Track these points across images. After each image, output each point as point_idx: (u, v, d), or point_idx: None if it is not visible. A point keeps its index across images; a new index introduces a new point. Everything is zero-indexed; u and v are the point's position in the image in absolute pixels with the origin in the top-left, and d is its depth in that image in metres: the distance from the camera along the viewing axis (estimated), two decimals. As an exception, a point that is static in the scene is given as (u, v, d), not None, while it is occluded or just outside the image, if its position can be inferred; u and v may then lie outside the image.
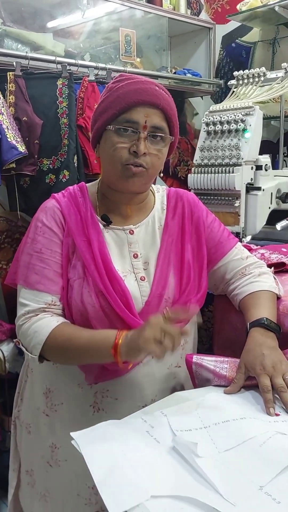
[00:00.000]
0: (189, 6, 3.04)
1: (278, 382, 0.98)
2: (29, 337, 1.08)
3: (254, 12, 2.54)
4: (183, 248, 1.18)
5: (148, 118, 1.06)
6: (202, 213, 1.24)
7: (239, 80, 2.01)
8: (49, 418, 1.19)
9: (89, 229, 1.13)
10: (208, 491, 0.73)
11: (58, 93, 2.10)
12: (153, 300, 1.12)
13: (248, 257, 1.27)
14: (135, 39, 2.55)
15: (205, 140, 1.87)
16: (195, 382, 1.09)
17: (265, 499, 0.71)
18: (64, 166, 2.07)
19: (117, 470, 0.77)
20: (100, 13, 2.54)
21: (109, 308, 1.08)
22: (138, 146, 1.06)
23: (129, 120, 1.06)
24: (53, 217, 1.14)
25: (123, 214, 1.18)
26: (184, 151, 3.06)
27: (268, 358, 1.01)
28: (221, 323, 1.32)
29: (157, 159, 1.10)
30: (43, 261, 1.11)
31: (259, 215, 1.78)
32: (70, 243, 1.13)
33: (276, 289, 1.21)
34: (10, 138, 1.90)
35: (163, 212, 1.21)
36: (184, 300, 1.14)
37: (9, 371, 2.09)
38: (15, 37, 2.19)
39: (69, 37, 2.47)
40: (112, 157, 1.08)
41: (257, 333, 1.08)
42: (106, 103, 1.09)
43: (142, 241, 1.17)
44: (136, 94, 1.06)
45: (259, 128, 1.79)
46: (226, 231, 1.27)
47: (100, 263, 1.10)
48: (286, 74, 1.90)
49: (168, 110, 1.09)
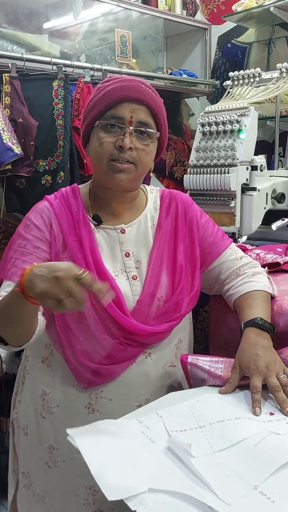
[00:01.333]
0: (185, 7, 3.04)
1: (272, 381, 0.98)
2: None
3: (250, 12, 2.54)
4: (175, 248, 1.18)
5: (133, 113, 1.08)
6: (196, 214, 1.24)
7: (235, 80, 2.01)
8: (46, 420, 1.19)
9: (80, 229, 1.14)
10: (204, 490, 0.73)
11: (54, 94, 2.10)
12: (145, 299, 1.12)
13: (242, 257, 1.27)
14: (130, 40, 2.56)
15: (201, 141, 1.87)
16: (190, 382, 1.09)
17: (259, 499, 0.72)
18: (60, 168, 2.07)
19: (114, 463, 0.77)
20: (95, 14, 2.54)
21: (100, 307, 1.08)
22: (123, 141, 1.07)
23: (115, 115, 1.09)
24: (41, 217, 1.15)
25: (115, 213, 1.19)
26: (181, 151, 3.06)
27: (262, 358, 1.02)
28: (217, 324, 1.33)
29: (144, 155, 1.11)
30: (24, 255, 1.12)
31: (254, 216, 1.79)
32: (61, 242, 1.13)
33: (270, 288, 1.22)
34: (5, 139, 1.90)
35: (156, 212, 1.22)
36: (176, 299, 1.14)
37: (6, 372, 2.10)
38: (10, 38, 2.19)
39: (64, 38, 2.47)
40: (99, 152, 1.10)
41: (251, 333, 1.08)
42: (93, 102, 1.12)
43: (134, 240, 1.18)
44: (122, 91, 1.08)
45: (254, 129, 1.80)
46: (220, 231, 1.28)
47: (91, 262, 1.10)
48: (282, 75, 1.90)
49: (153, 106, 1.11)
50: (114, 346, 1.10)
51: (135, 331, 1.10)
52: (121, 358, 1.11)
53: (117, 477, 0.74)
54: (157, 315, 1.13)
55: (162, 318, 1.13)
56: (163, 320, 1.13)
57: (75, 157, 2.13)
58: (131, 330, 1.09)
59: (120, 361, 1.11)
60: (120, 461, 0.78)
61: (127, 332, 1.10)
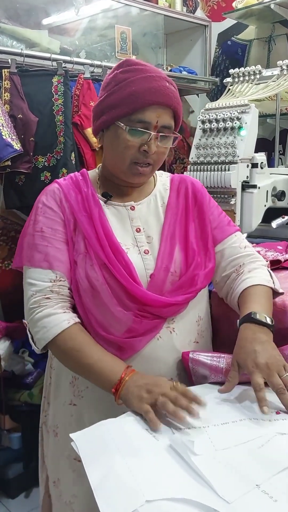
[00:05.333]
0: (185, 4, 3.03)
1: (275, 382, 0.94)
2: (37, 328, 1.09)
3: (250, 9, 2.54)
4: (187, 226, 1.19)
5: (159, 118, 1.09)
6: (205, 197, 1.26)
7: (235, 78, 2.01)
8: (76, 408, 1.18)
9: (90, 205, 1.15)
10: (205, 489, 0.73)
11: (54, 90, 2.09)
12: (159, 273, 1.12)
13: (246, 247, 1.25)
14: (130, 36, 2.55)
15: (201, 138, 1.87)
16: (192, 379, 1.09)
17: (262, 497, 0.71)
18: (62, 164, 2.06)
19: (114, 474, 0.76)
20: (95, 10, 2.53)
21: (113, 280, 1.09)
22: (149, 146, 1.09)
23: (141, 120, 1.08)
24: (53, 197, 1.17)
25: (124, 193, 1.21)
26: (180, 148, 3.05)
27: (260, 354, 0.98)
28: (219, 321, 1.32)
29: (163, 156, 1.15)
30: (44, 239, 1.13)
31: (254, 213, 1.78)
32: (72, 220, 1.14)
33: (270, 282, 1.18)
34: (5, 135, 1.89)
35: (166, 192, 1.24)
36: (191, 274, 1.14)
37: (5, 369, 2.09)
38: (10, 34, 2.18)
39: (64, 34, 2.46)
40: (122, 154, 1.11)
41: (247, 329, 1.05)
42: (117, 98, 1.09)
43: (145, 217, 1.19)
44: (150, 95, 1.07)
45: (254, 126, 1.79)
46: (226, 218, 1.27)
47: (102, 235, 1.12)
48: (282, 72, 1.89)
49: (178, 108, 1.13)
50: (130, 319, 1.09)
51: (148, 302, 1.09)
52: (139, 331, 1.10)
53: (116, 491, 0.73)
54: (172, 289, 1.13)
55: (177, 292, 1.13)
56: (179, 293, 1.13)
57: (76, 153, 2.12)
58: (144, 301, 1.09)
59: (139, 334, 1.10)
60: (120, 471, 0.77)
61: (141, 303, 1.09)
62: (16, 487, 2.21)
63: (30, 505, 2.13)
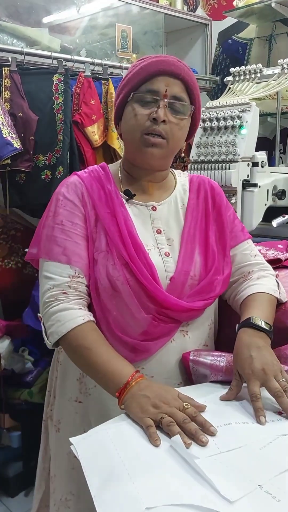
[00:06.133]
0: (186, 2, 3.03)
1: (272, 386, 0.92)
2: (51, 322, 1.06)
3: (251, 8, 2.53)
4: (207, 229, 1.17)
5: (168, 87, 1.08)
6: (223, 200, 1.24)
7: (236, 76, 2.01)
8: (81, 405, 1.16)
9: (113, 202, 1.13)
10: (207, 492, 0.72)
11: (54, 88, 2.09)
12: (179, 277, 1.10)
13: (257, 255, 1.24)
14: (131, 35, 2.54)
15: (202, 137, 1.86)
16: (192, 379, 1.08)
17: (265, 497, 0.70)
18: (60, 163, 2.06)
19: (114, 480, 0.75)
20: (96, 9, 2.53)
21: (134, 280, 1.07)
22: (157, 113, 1.07)
23: (150, 89, 1.08)
24: (74, 191, 1.14)
25: (145, 191, 1.18)
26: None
27: (256, 360, 0.96)
28: (222, 322, 1.32)
29: (177, 129, 1.10)
30: (64, 232, 1.10)
31: (255, 212, 1.78)
32: (94, 216, 1.12)
33: (276, 292, 1.17)
34: (5, 134, 1.89)
35: (185, 193, 1.22)
36: (210, 279, 1.12)
37: (5, 368, 2.09)
38: (10, 32, 2.18)
39: (65, 33, 2.46)
40: (132, 126, 1.10)
41: (244, 334, 1.04)
42: (127, 78, 1.12)
43: (165, 218, 1.17)
44: (157, 64, 1.08)
45: (255, 125, 1.79)
46: (240, 224, 1.27)
47: (126, 234, 1.09)
48: (283, 71, 1.89)
49: (189, 81, 1.11)
50: (148, 321, 1.08)
51: (169, 305, 1.08)
52: (155, 335, 1.09)
53: (115, 499, 0.72)
54: (191, 293, 1.11)
55: (196, 297, 1.12)
56: (197, 298, 1.11)
57: (76, 151, 2.12)
58: (165, 304, 1.07)
59: (155, 337, 1.09)
60: (120, 477, 0.76)
61: (161, 306, 1.08)
62: (16, 486, 2.21)
63: (30, 504, 2.12)
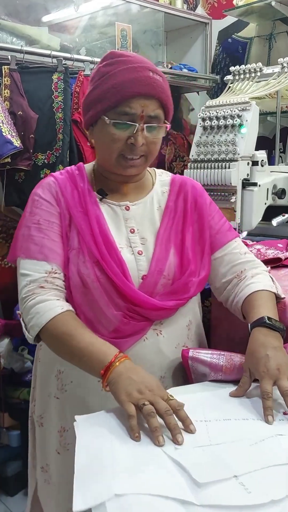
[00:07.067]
0: (185, 1, 3.02)
1: (283, 384, 0.92)
2: (30, 315, 1.07)
3: (251, 7, 2.53)
4: (184, 230, 1.17)
5: (145, 108, 1.07)
6: (205, 201, 1.24)
7: (236, 75, 2.00)
8: (59, 401, 1.18)
9: (85, 201, 1.14)
10: (183, 481, 0.72)
11: (54, 87, 2.08)
12: (152, 275, 1.11)
13: (246, 253, 1.25)
14: (131, 33, 2.54)
15: (201, 136, 1.86)
16: (192, 377, 1.08)
17: (236, 488, 0.70)
18: (59, 161, 2.06)
19: (98, 461, 0.77)
20: (96, 8, 2.52)
21: (105, 277, 1.08)
22: (136, 139, 1.07)
23: (126, 112, 1.06)
24: (49, 190, 1.15)
25: (120, 192, 1.19)
26: (180, 146, 3.04)
27: (272, 359, 0.96)
28: (218, 319, 1.32)
29: (154, 146, 1.12)
30: (41, 231, 1.12)
31: (255, 211, 1.78)
32: (68, 215, 1.13)
33: (273, 287, 1.17)
34: (5, 132, 1.89)
35: (164, 195, 1.22)
36: (185, 280, 1.13)
37: (4, 367, 2.09)
38: (10, 30, 2.17)
39: (64, 31, 2.45)
40: (109, 147, 1.10)
41: (259, 333, 1.03)
42: (100, 91, 1.09)
43: (140, 218, 1.18)
44: (132, 85, 1.05)
45: (255, 124, 1.79)
46: (227, 223, 1.26)
47: (97, 232, 1.10)
48: (283, 70, 1.89)
49: (163, 97, 1.09)
50: (118, 318, 1.09)
51: (139, 302, 1.08)
52: (126, 332, 1.09)
53: (93, 480, 0.73)
54: (164, 293, 1.12)
55: (169, 296, 1.12)
56: (170, 298, 1.12)
57: (75, 150, 2.12)
58: (135, 301, 1.08)
59: (126, 335, 1.09)
60: (105, 457, 0.78)
61: (132, 303, 1.08)
62: (15, 485, 2.21)
63: (29, 503, 2.13)
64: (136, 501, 0.68)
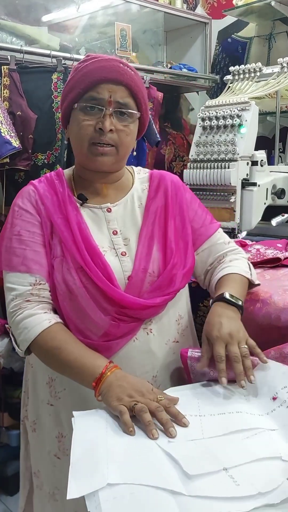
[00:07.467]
0: (185, 1, 3.02)
1: (232, 350, 0.97)
2: (18, 330, 1.07)
3: (250, 7, 2.53)
4: (166, 225, 1.17)
5: (112, 93, 1.07)
6: (185, 195, 1.24)
7: (235, 75, 2.00)
8: (53, 408, 1.18)
9: (66, 207, 1.13)
10: (175, 474, 0.74)
11: (53, 87, 2.08)
12: (137, 275, 1.11)
13: (230, 242, 1.27)
14: (130, 33, 2.54)
15: (201, 135, 1.86)
16: (191, 377, 1.08)
17: (225, 480, 0.72)
18: (57, 161, 2.07)
19: (93, 452, 0.79)
20: (95, 7, 2.52)
21: (90, 283, 1.07)
22: (103, 123, 1.07)
23: (94, 97, 1.07)
24: (28, 200, 1.15)
25: (100, 193, 1.18)
26: (180, 146, 3.05)
27: (225, 325, 1.01)
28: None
29: (125, 136, 1.10)
30: (22, 242, 1.11)
31: (254, 211, 1.78)
32: (48, 223, 1.13)
33: (248, 273, 1.20)
34: (4, 132, 1.89)
35: (144, 192, 1.21)
36: (169, 274, 1.13)
37: (4, 366, 2.09)
38: (9, 30, 2.17)
39: (64, 31, 2.46)
40: (79, 135, 1.10)
41: (217, 307, 1.08)
42: (72, 83, 1.11)
43: (121, 218, 1.17)
44: (99, 71, 1.07)
45: (255, 124, 1.79)
46: (209, 215, 1.28)
47: (79, 238, 1.10)
48: (282, 70, 1.89)
49: (132, 86, 1.10)
50: (107, 322, 1.08)
51: (127, 304, 1.08)
52: (117, 334, 1.09)
53: (87, 470, 0.75)
54: (150, 289, 1.12)
55: (155, 293, 1.12)
56: (157, 294, 1.12)
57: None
58: (122, 303, 1.08)
59: (116, 337, 1.09)
60: (100, 448, 0.80)
61: (119, 306, 1.08)
62: (15, 485, 2.20)
63: (28, 503, 2.13)
64: (128, 491, 0.71)
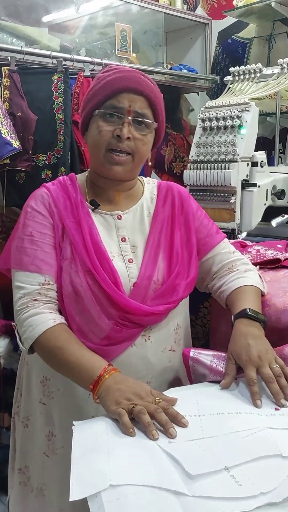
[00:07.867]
0: (185, 1, 3.02)
1: (265, 372, 0.98)
2: (23, 328, 1.10)
3: (251, 8, 2.53)
4: (172, 235, 1.20)
5: (132, 103, 1.11)
6: (192, 205, 1.27)
7: (235, 76, 2.01)
8: (46, 407, 1.19)
9: (78, 212, 1.16)
10: (176, 474, 0.74)
11: (54, 88, 2.08)
12: (142, 282, 1.13)
13: (235, 252, 1.30)
14: (131, 34, 2.54)
15: (201, 136, 1.87)
16: (191, 377, 1.09)
17: (227, 480, 0.73)
18: (61, 163, 2.06)
19: (94, 454, 0.79)
20: (96, 8, 2.53)
21: (97, 286, 1.10)
22: (121, 130, 1.10)
23: (114, 105, 1.11)
24: (42, 202, 1.17)
25: (112, 201, 1.21)
26: (180, 147, 3.05)
27: (253, 348, 1.02)
28: (217, 320, 1.32)
29: (142, 145, 1.14)
30: (33, 243, 1.13)
31: (254, 212, 1.78)
32: (60, 226, 1.15)
33: (261, 286, 1.23)
34: (4, 133, 1.89)
35: (152, 202, 1.25)
36: (173, 283, 1.15)
37: (4, 367, 2.09)
38: (10, 31, 2.17)
39: (64, 32, 2.46)
40: (97, 141, 1.13)
41: (241, 324, 1.09)
42: (93, 91, 1.15)
43: (130, 226, 1.20)
44: (121, 81, 1.11)
45: (255, 124, 1.79)
46: (215, 226, 1.31)
47: (89, 242, 1.12)
48: (282, 71, 1.89)
49: (152, 97, 1.14)
50: (110, 326, 1.10)
51: (131, 310, 1.10)
52: (118, 339, 1.11)
53: (89, 471, 0.75)
54: (153, 297, 1.14)
55: (158, 300, 1.14)
56: (160, 302, 1.14)
57: (76, 151, 2.12)
58: (127, 309, 1.10)
59: (117, 342, 1.11)
60: (101, 449, 0.80)
61: (123, 311, 1.10)
62: (15, 485, 2.21)
63: (29, 503, 2.13)
64: (131, 492, 0.71)
